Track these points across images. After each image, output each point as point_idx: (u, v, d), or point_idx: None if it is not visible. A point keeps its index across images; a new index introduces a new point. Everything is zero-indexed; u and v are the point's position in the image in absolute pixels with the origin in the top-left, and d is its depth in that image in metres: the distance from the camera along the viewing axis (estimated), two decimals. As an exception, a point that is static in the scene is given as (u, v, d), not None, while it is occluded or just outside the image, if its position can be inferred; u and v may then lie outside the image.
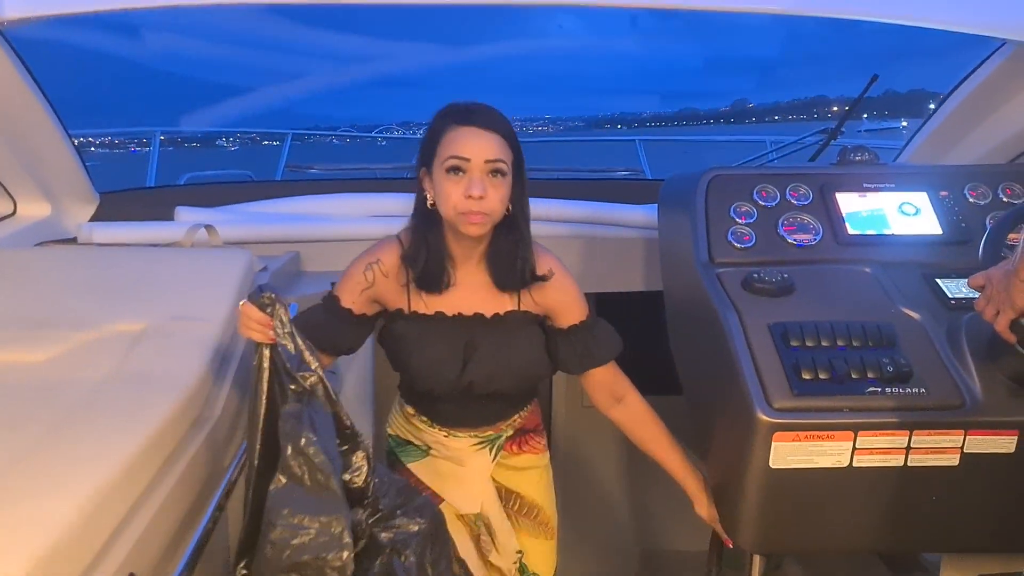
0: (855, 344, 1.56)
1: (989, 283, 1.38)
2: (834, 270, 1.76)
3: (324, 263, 2.34)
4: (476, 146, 1.48)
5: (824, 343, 1.56)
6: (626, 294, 2.52)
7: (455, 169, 1.49)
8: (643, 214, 2.51)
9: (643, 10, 2.11)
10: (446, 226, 1.58)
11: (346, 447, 1.41)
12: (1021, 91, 2.05)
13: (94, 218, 2.37)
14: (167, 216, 2.34)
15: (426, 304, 1.64)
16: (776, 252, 1.80)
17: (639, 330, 1.99)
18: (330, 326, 1.65)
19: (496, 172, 1.50)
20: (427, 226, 1.59)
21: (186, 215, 2.32)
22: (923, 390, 1.49)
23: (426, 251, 1.59)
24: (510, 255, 1.61)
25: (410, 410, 1.80)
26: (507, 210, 1.57)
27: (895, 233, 1.84)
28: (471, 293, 1.65)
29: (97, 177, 2.39)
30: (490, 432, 1.78)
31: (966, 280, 1.48)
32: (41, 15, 1.71)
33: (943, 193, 1.91)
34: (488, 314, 1.65)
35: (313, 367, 1.38)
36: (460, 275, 1.64)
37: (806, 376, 1.49)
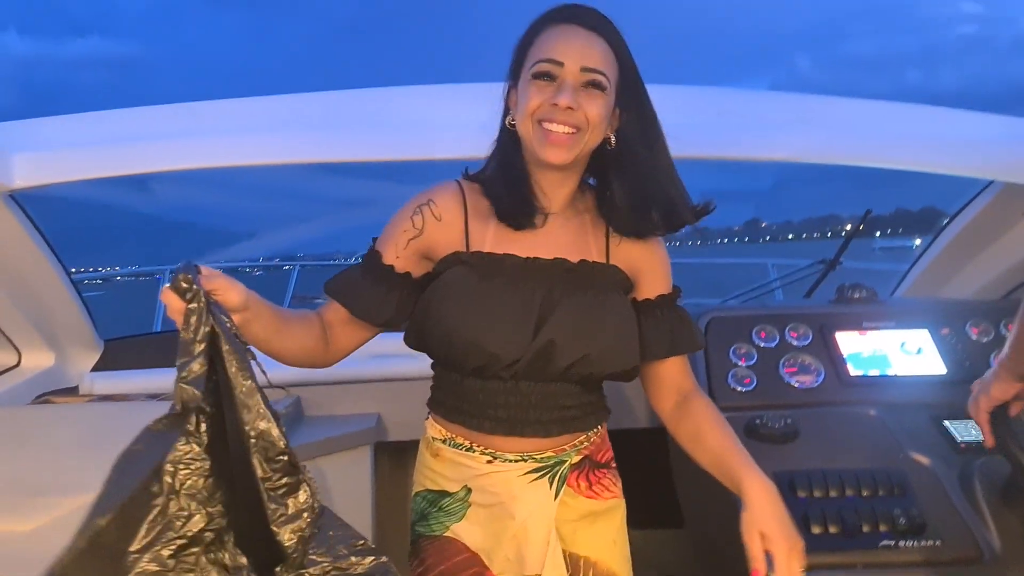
0: (865, 493, 1.53)
1: (980, 382, 1.41)
2: (838, 413, 1.74)
3: (326, 407, 2.32)
4: (572, 48, 1.19)
5: (833, 493, 1.53)
6: (628, 431, 2.48)
7: (543, 75, 1.20)
8: None
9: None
10: (527, 156, 1.28)
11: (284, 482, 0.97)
12: (1011, 227, 2.08)
13: (98, 365, 2.37)
14: (172, 362, 2.35)
15: (494, 243, 1.28)
16: (779, 395, 1.79)
17: (643, 465, 1.96)
18: (367, 288, 1.29)
19: (594, 85, 1.20)
20: (509, 150, 1.29)
21: (189, 362, 2.32)
22: (938, 542, 1.45)
23: (508, 173, 1.28)
24: (638, 194, 1.27)
25: (441, 432, 1.35)
26: (607, 140, 1.26)
27: (898, 374, 1.83)
28: (550, 235, 1.30)
29: (104, 309, 2.39)
30: (550, 453, 1.31)
31: (973, 421, 1.45)
32: (51, 182, 1.77)
33: (944, 331, 1.91)
34: (574, 259, 1.29)
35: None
36: (546, 214, 1.30)
37: (816, 530, 1.45)
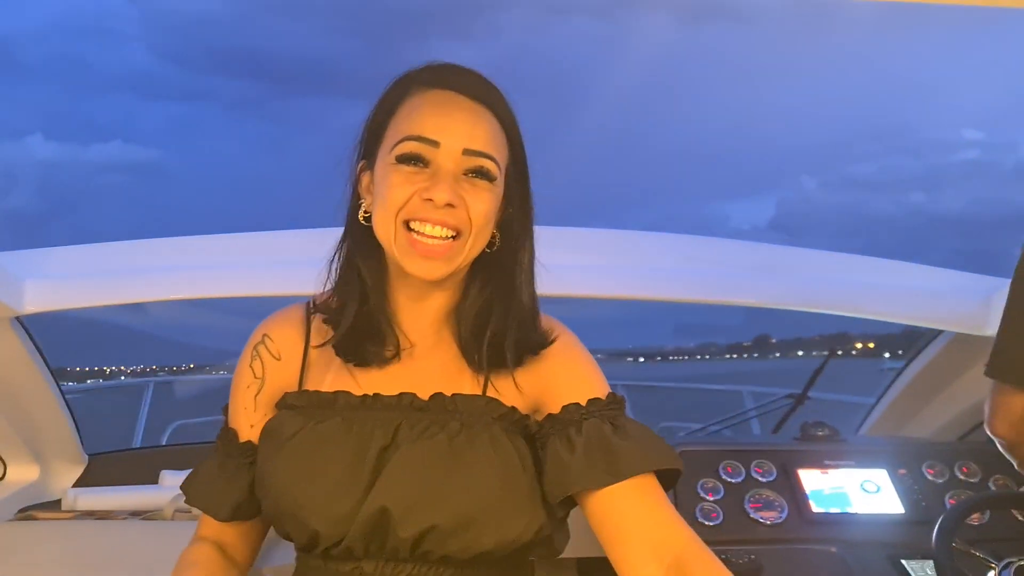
0: (825, 632, 1.58)
1: None
2: (801, 551, 1.80)
3: None
4: (452, 123, 0.94)
5: (795, 632, 1.58)
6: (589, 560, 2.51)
7: (412, 159, 0.93)
8: None
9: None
10: (389, 261, 1.00)
11: None
12: (963, 372, 2.21)
13: (81, 479, 2.41)
14: (153, 477, 2.38)
15: (331, 379, 1.02)
16: (744, 531, 1.85)
17: None
18: (227, 477, 1.05)
19: (480, 173, 0.95)
20: (361, 252, 1.02)
21: (170, 479, 2.36)
22: None
23: (352, 290, 1.01)
24: (491, 315, 1.00)
25: None
26: (493, 240, 1.01)
27: (858, 512, 1.91)
28: (409, 364, 1.03)
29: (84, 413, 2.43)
30: None
31: (930, 562, 1.53)
32: (57, 309, 1.88)
33: (901, 471, 2.00)
34: (425, 395, 0.99)
35: None
36: (406, 342, 1.03)
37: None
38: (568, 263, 1.95)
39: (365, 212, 1.01)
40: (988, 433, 1.41)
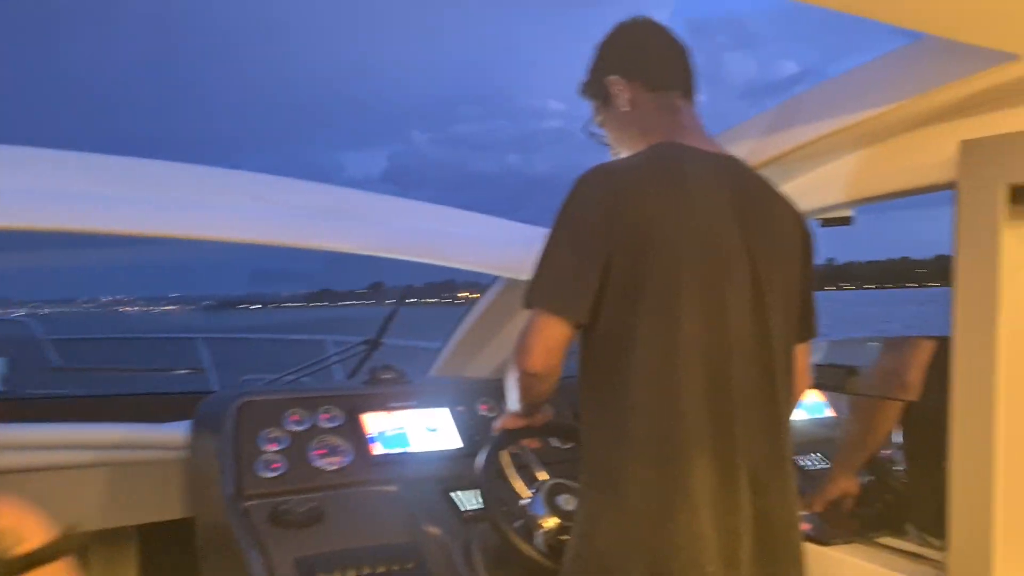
0: (380, 570, 1.60)
1: None
2: (363, 493, 1.81)
3: None
4: None
5: (351, 573, 1.57)
6: (163, 523, 2.32)
7: None
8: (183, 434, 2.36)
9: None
10: None
11: None
12: (514, 315, 2.39)
13: None
14: None
15: None
16: (307, 479, 1.80)
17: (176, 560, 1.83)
18: None
19: None
20: None
21: None
22: None
23: None
24: None
25: None
26: None
27: (418, 451, 1.97)
28: None
29: None
30: None
31: (478, 491, 1.61)
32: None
33: (460, 409, 2.12)
34: None
35: None
36: None
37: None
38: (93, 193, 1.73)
39: None
40: (518, 369, 1.37)
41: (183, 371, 5.13)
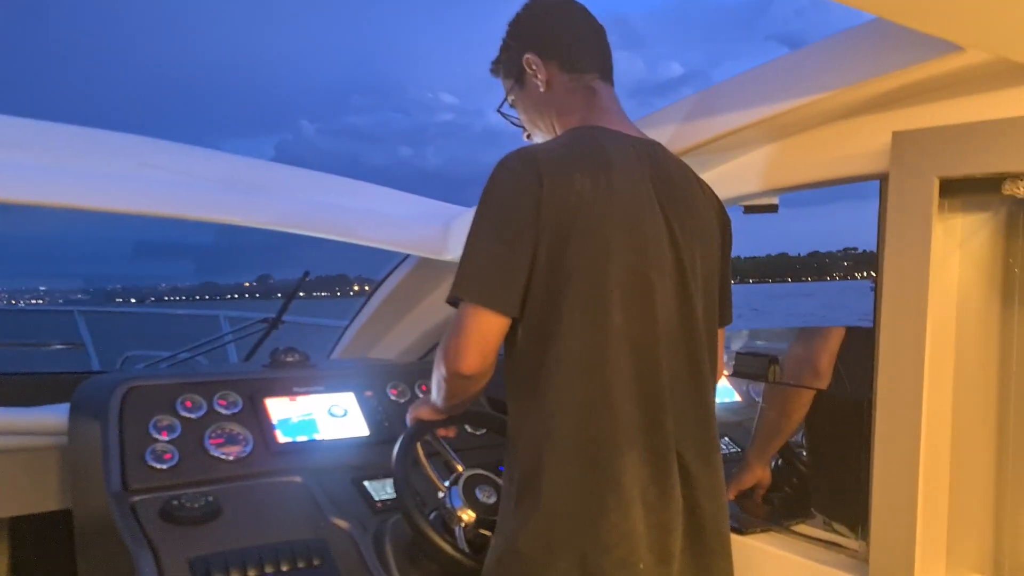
0: (284, 568, 1.49)
1: None
2: (265, 485, 1.69)
3: None
4: None
5: (251, 573, 1.46)
6: (41, 516, 2.12)
7: None
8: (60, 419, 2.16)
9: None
10: None
11: None
12: (426, 296, 2.30)
13: None
14: None
15: None
16: (203, 471, 1.67)
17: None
18: None
19: None
20: None
21: None
22: None
23: None
24: None
25: None
26: None
27: (325, 438, 1.86)
28: None
29: None
30: None
31: (391, 480, 1.52)
32: None
33: (368, 393, 2.01)
34: None
35: None
36: None
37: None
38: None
39: None
40: (446, 371, 1.24)
41: (59, 345, 4.80)
